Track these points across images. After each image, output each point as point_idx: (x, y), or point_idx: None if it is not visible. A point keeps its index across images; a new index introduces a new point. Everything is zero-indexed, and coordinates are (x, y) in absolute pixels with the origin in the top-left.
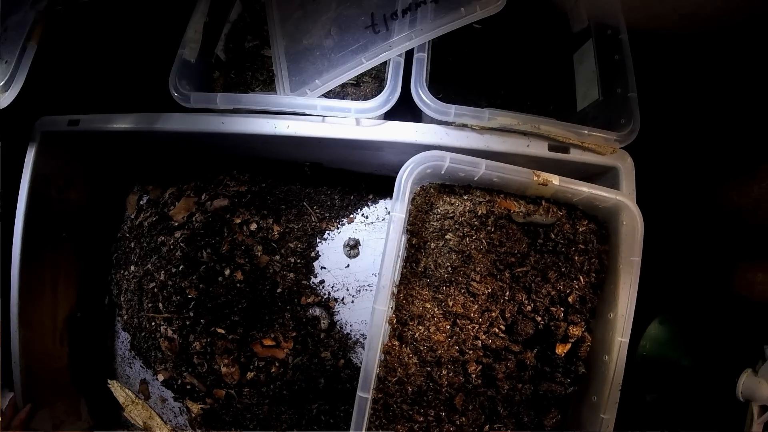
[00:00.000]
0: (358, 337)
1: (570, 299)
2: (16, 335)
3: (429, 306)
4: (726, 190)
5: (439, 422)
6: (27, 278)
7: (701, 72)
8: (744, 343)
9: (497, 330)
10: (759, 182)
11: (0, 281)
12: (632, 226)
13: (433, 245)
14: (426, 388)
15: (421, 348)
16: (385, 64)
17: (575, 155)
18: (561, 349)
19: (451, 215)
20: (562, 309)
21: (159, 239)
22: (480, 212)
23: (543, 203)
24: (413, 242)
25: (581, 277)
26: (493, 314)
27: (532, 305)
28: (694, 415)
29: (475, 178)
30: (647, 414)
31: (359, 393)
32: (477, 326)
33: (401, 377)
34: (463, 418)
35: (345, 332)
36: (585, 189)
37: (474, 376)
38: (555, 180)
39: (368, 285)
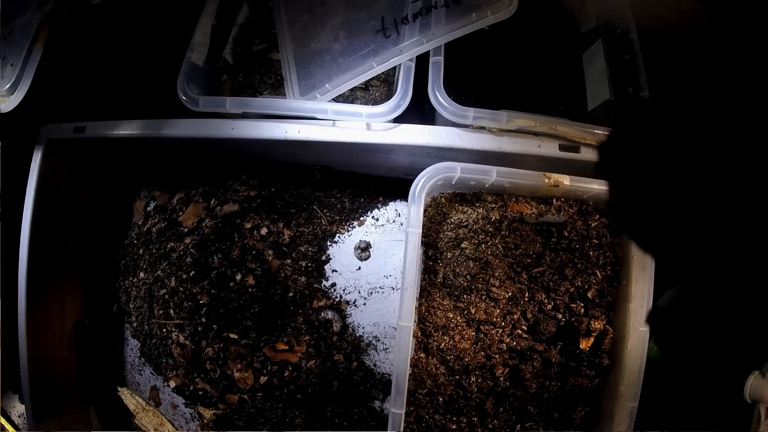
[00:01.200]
0: (370, 339)
1: (589, 294)
2: (24, 344)
3: (451, 315)
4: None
5: (471, 428)
6: (34, 286)
7: (712, 73)
8: (752, 345)
9: (520, 331)
10: None
11: (6, 289)
12: None
13: (449, 255)
14: (456, 396)
15: (448, 357)
16: (393, 68)
17: (586, 154)
18: (585, 344)
19: (464, 224)
20: (582, 304)
21: (168, 245)
22: (493, 218)
23: (554, 202)
24: (429, 254)
25: (598, 272)
26: (515, 316)
27: (553, 303)
28: (702, 416)
29: (486, 185)
30: (655, 416)
31: (392, 409)
32: (500, 330)
33: (431, 388)
34: (495, 421)
35: (357, 335)
36: (595, 186)
37: (502, 379)
38: (566, 180)
39: (380, 287)
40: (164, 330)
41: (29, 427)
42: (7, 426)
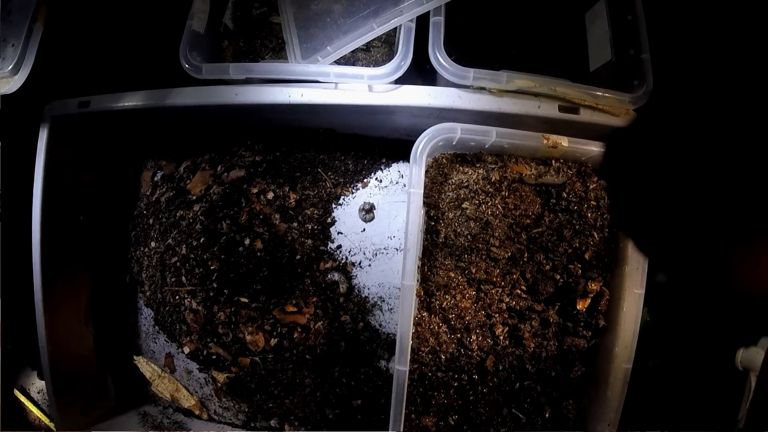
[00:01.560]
0: (375, 300)
1: (586, 255)
2: (42, 320)
3: (453, 275)
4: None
5: (473, 385)
6: (48, 263)
7: (717, 35)
8: (744, 317)
9: (520, 291)
10: None
11: (21, 269)
12: None
13: (450, 215)
14: (458, 354)
15: (450, 316)
16: (394, 28)
17: (585, 116)
18: (581, 305)
19: (465, 184)
20: (579, 266)
21: (178, 214)
22: (493, 178)
23: (553, 164)
24: (431, 214)
25: (595, 233)
26: (515, 276)
27: (551, 264)
28: (696, 381)
29: (486, 146)
30: (649, 379)
31: (397, 366)
32: (500, 290)
33: (433, 346)
34: (495, 379)
35: (363, 295)
36: (594, 148)
37: (502, 337)
38: (564, 141)
39: (384, 248)
40: (177, 297)
41: (50, 402)
42: (27, 403)
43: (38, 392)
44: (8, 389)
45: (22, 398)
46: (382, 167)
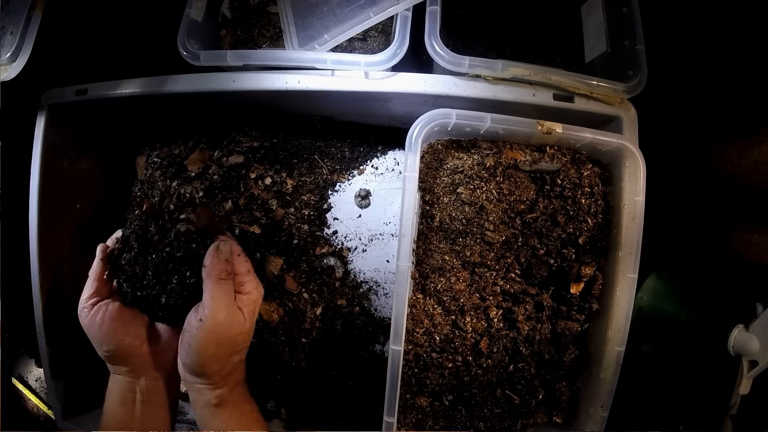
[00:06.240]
0: (371, 284)
1: (580, 240)
2: (39, 305)
3: (448, 258)
4: (727, 151)
5: (467, 366)
6: (45, 250)
7: (710, 29)
8: (738, 299)
9: (514, 275)
10: (760, 145)
11: (20, 254)
12: (635, 168)
13: (446, 200)
14: (452, 335)
15: (444, 298)
16: (391, 18)
17: (579, 104)
18: (575, 289)
19: (460, 169)
20: (573, 250)
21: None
22: (488, 164)
23: (548, 150)
24: (426, 199)
25: (589, 219)
26: (509, 260)
27: (545, 249)
28: (689, 367)
29: (481, 132)
30: (642, 364)
31: (392, 346)
32: (495, 273)
33: (428, 328)
34: (489, 361)
35: (359, 280)
36: (588, 135)
37: (496, 320)
38: (558, 128)
39: (380, 234)
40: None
41: (48, 389)
42: (25, 391)
43: (36, 380)
44: (7, 378)
45: (21, 387)
46: (378, 155)
